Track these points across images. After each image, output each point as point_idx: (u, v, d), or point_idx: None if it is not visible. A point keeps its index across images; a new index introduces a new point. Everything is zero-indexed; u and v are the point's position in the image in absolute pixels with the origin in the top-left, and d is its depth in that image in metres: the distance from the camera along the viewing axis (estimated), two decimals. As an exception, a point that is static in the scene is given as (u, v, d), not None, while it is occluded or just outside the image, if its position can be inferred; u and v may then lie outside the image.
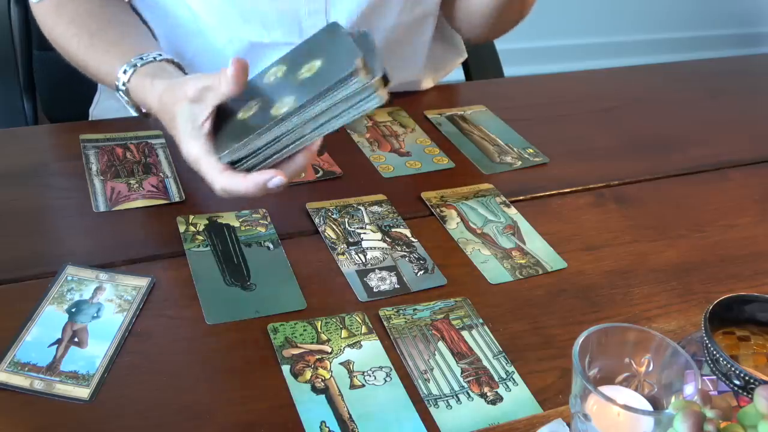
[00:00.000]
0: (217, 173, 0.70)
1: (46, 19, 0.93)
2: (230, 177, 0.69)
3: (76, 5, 0.90)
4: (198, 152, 0.71)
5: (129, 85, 0.82)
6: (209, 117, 0.70)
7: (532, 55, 2.69)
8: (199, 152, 0.71)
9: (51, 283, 0.70)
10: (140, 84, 0.81)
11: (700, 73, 1.30)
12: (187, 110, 0.71)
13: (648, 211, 0.89)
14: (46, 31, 0.94)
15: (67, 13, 0.90)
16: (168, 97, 0.75)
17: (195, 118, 0.71)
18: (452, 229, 0.83)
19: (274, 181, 0.68)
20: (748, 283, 0.79)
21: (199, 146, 0.70)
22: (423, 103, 1.08)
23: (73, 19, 0.90)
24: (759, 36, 3.23)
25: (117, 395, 0.61)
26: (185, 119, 0.71)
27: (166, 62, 0.83)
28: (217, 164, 0.70)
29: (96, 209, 0.81)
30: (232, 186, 0.69)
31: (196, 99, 0.70)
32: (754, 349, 0.58)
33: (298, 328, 0.68)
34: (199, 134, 0.71)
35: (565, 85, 1.21)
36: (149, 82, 0.80)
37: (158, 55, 0.83)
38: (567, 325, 0.71)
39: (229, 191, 0.70)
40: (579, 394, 0.51)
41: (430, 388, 0.63)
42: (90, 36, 0.88)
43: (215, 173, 0.70)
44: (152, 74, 0.80)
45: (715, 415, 0.45)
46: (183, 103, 0.71)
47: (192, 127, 0.71)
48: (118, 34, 0.88)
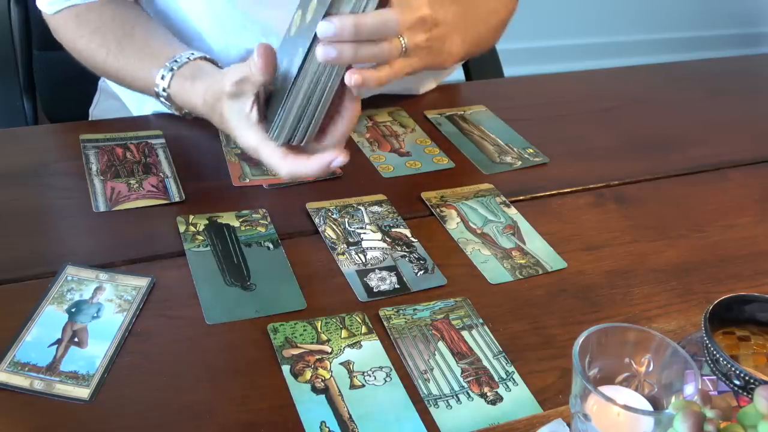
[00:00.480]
0: (280, 159, 0.71)
1: (65, 30, 0.91)
2: (294, 161, 0.70)
3: (98, 13, 0.89)
4: (255, 141, 0.72)
5: (170, 90, 0.82)
6: (253, 105, 0.72)
7: (532, 55, 2.69)
8: (256, 141, 0.72)
9: (51, 283, 0.70)
10: (181, 88, 0.81)
11: (700, 73, 1.30)
12: (231, 105, 0.73)
13: (648, 211, 0.89)
14: (67, 44, 0.92)
15: (90, 23, 0.89)
16: (210, 96, 0.76)
17: (241, 110, 0.72)
18: (452, 229, 0.83)
19: (337, 161, 0.70)
20: (748, 283, 0.79)
21: (253, 135, 0.72)
22: (423, 103, 1.08)
23: (97, 29, 0.89)
24: (759, 36, 3.23)
25: (117, 395, 0.61)
26: (234, 114, 0.73)
27: (200, 60, 0.83)
28: (277, 150, 0.71)
29: (96, 209, 0.81)
30: (297, 170, 0.70)
31: (236, 93, 0.72)
32: (754, 349, 0.58)
33: (298, 328, 0.68)
34: (249, 124, 0.72)
35: (565, 85, 1.21)
36: (189, 84, 0.80)
37: (191, 54, 0.83)
38: (567, 325, 0.71)
39: (296, 175, 0.71)
40: (579, 394, 0.51)
41: (430, 388, 0.63)
42: (117, 44, 0.87)
43: (278, 159, 0.71)
44: (191, 76, 0.81)
45: (715, 415, 0.45)
46: (225, 100, 0.73)
47: (240, 119, 0.72)
48: (145, 39, 0.88)
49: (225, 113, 0.74)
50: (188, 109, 0.85)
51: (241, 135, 0.73)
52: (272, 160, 0.71)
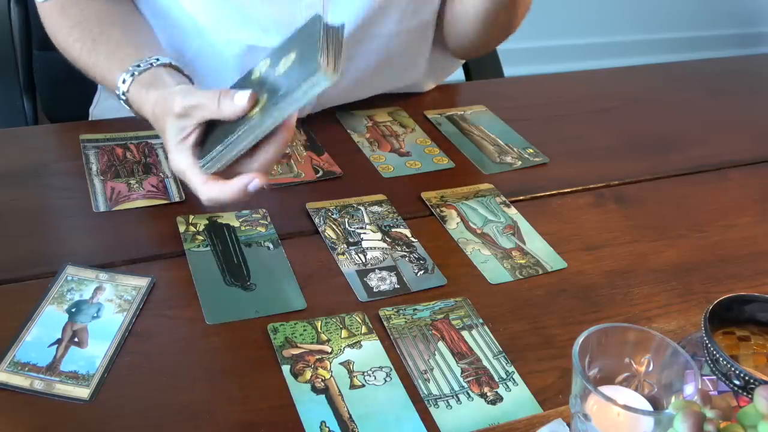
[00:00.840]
0: (201, 185, 0.72)
1: (50, 20, 0.92)
2: (213, 186, 0.71)
3: (81, 8, 0.90)
4: (184, 165, 0.73)
5: (128, 95, 0.82)
6: (194, 131, 0.72)
7: (532, 55, 2.69)
8: (185, 165, 0.73)
9: (51, 283, 0.70)
10: (137, 94, 0.81)
11: (700, 73, 1.30)
12: (173, 124, 0.73)
13: (648, 211, 0.89)
14: (49, 32, 0.93)
15: (72, 16, 0.90)
16: (158, 109, 0.76)
17: (180, 132, 0.72)
18: (452, 229, 0.83)
19: (253, 184, 0.70)
20: (748, 283, 0.79)
21: (184, 159, 0.73)
22: (423, 103, 1.08)
23: (78, 23, 0.89)
24: (759, 36, 3.23)
25: (117, 395, 0.61)
26: (172, 133, 0.73)
27: (163, 67, 0.82)
28: (201, 176, 0.72)
29: (96, 209, 0.81)
30: (216, 194, 0.71)
31: (182, 115, 0.72)
32: (754, 349, 0.58)
33: (298, 328, 0.68)
34: (183, 147, 0.72)
35: (565, 85, 1.21)
36: (144, 92, 0.80)
37: (156, 59, 0.83)
38: (567, 325, 0.71)
39: (215, 200, 0.71)
40: (579, 394, 0.51)
41: (430, 388, 0.63)
42: (92, 41, 0.88)
43: (200, 185, 0.72)
44: (148, 83, 0.81)
45: (715, 415, 0.45)
46: (170, 117, 0.73)
47: (178, 141, 0.73)
48: (119, 38, 0.88)
49: (166, 129, 0.74)
50: (142, 117, 0.85)
51: (173, 156, 0.73)
52: (196, 185, 0.72)
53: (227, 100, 0.69)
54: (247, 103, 0.68)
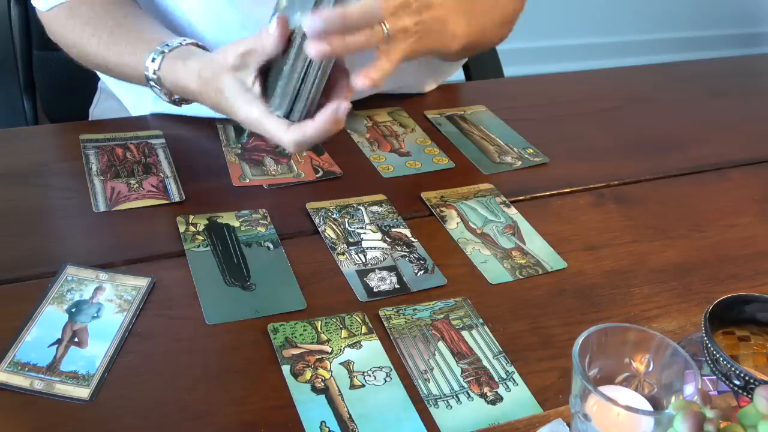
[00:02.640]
0: (284, 132, 0.70)
1: (58, 26, 0.92)
2: (299, 129, 0.70)
3: (89, 6, 0.90)
4: (258, 115, 0.72)
5: (160, 73, 0.82)
6: (256, 79, 0.71)
7: (532, 55, 2.69)
8: (259, 115, 0.72)
9: (51, 283, 0.70)
10: (172, 68, 0.81)
11: (700, 73, 1.30)
12: (232, 80, 0.72)
13: (648, 211, 0.89)
14: (59, 38, 0.93)
15: (82, 15, 0.90)
16: (207, 71, 0.75)
17: (243, 84, 0.71)
18: (452, 229, 0.83)
19: (342, 108, 0.69)
20: (748, 283, 0.79)
21: (256, 109, 0.72)
22: (423, 103, 1.08)
23: (90, 20, 0.89)
24: (759, 36, 3.23)
25: (117, 395, 0.61)
26: (234, 88, 0.72)
27: (192, 45, 0.83)
28: (281, 122, 0.71)
29: (96, 209, 0.81)
30: (304, 137, 0.70)
31: (239, 66, 0.71)
32: (754, 349, 0.58)
33: (298, 328, 0.68)
34: (252, 98, 0.72)
35: (565, 85, 1.21)
36: (181, 64, 0.80)
37: (183, 40, 0.83)
38: (567, 325, 0.71)
39: (303, 142, 0.70)
40: (579, 394, 0.51)
41: (430, 388, 0.63)
42: (109, 33, 0.88)
43: (282, 132, 0.71)
44: (183, 57, 0.80)
45: (715, 415, 0.45)
46: (226, 74, 0.72)
47: (243, 93, 0.72)
48: (137, 28, 0.88)
49: (224, 88, 0.73)
50: (178, 91, 0.84)
51: (243, 110, 0.72)
52: (277, 132, 0.71)
53: (265, 35, 0.69)
54: (278, 26, 0.68)
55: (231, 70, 0.72)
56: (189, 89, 0.81)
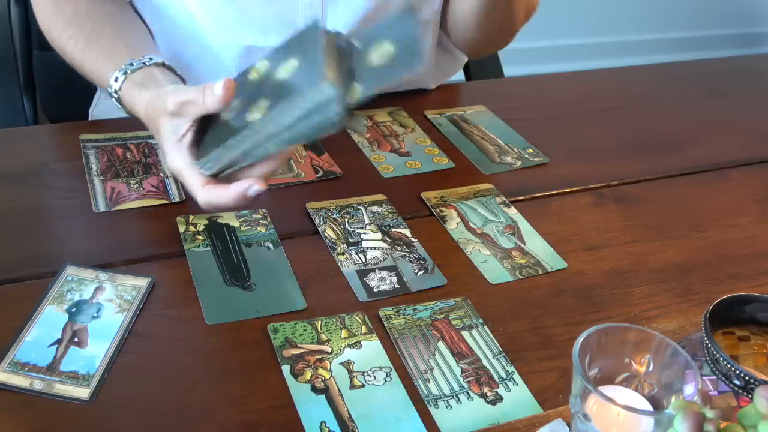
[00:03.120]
0: (199, 187, 0.70)
1: (44, 16, 0.92)
2: (211, 190, 0.70)
3: (74, 5, 0.90)
4: (181, 165, 0.71)
5: (120, 93, 0.82)
6: (189, 130, 0.71)
7: (532, 55, 2.69)
8: (182, 165, 0.71)
9: (51, 283, 0.70)
10: (129, 93, 0.81)
11: (700, 73, 1.30)
12: (168, 124, 0.72)
13: (648, 211, 0.89)
14: (43, 29, 0.93)
15: (65, 13, 0.90)
16: (151, 109, 0.76)
17: (176, 131, 0.71)
18: (452, 229, 0.83)
19: (252, 189, 0.69)
20: (748, 283, 0.79)
21: (180, 159, 0.71)
22: (423, 103, 1.08)
23: (71, 20, 0.89)
24: (759, 36, 3.23)
25: (117, 395, 0.61)
26: (167, 132, 0.72)
27: (156, 67, 0.82)
28: (199, 177, 0.70)
29: (96, 209, 0.81)
30: (214, 199, 0.70)
31: (176, 113, 0.71)
32: (754, 349, 0.58)
33: (298, 328, 0.68)
34: (180, 147, 0.71)
35: (565, 85, 1.21)
36: (137, 92, 0.80)
37: (149, 59, 0.82)
38: (567, 325, 0.71)
39: (213, 204, 0.70)
40: (579, 394, 0.51)
41: (430, 388, 0.63)
42: (85, 39, 0.87)
43: (197, 187, 0.71)
44: (140, 83, 0.80)
45: (715, 415, 0.45)
46: (164, 117, 0.72)
47: (174, 140, 0.71)
48: (113, 36, 0.88)
49: (161, 129, 0.73)
50: (133, 116, 0.84)
51: (170, 155, 0.72)
52: (193, 186, 0.71)
53: (209, 92, 0.69)
54: (224, 89, 0.67)
55: (168, 114, 0.72)
56: (139, 117, 0.81)
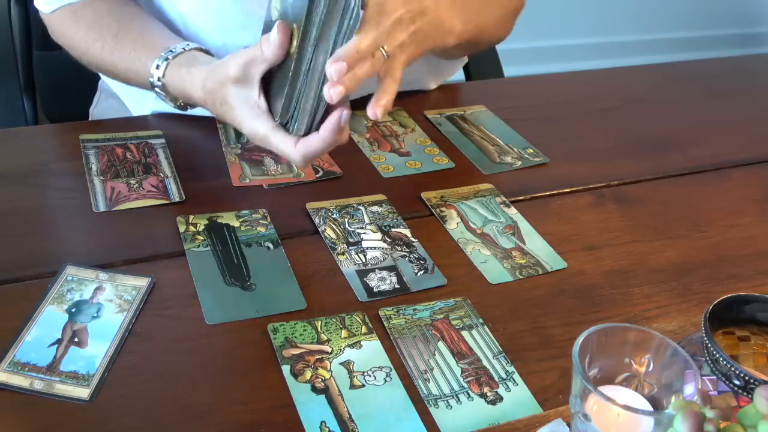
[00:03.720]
0: (291, 146, 0.71)
1: (63, 28, 0.92)
2: (305, 142, 0.71)
3: (93, 9, 0.90)
4: (265, 130, 0.72)
5: (165, 80, 0.82)
6: (260, 92, 0.71)
7: (532, 55, 2.69)
8: (266, 130, 0.72)
9: (51, 283, 0.70)
10: (177, 76, 0.81)
11: (700, 73, 1.30)
12: (237, 92, 0.72)
13: (648, 211, 0.89)
14: (63, 42, 0.93)
15: (86, 18, 0.90)
16: (211, 82, 0.75)
17: (248, 98, 0.71)
18: (452, 229, 0.83)
19: (344, 116, 0.69)
20: (748, 283, 0.79)
21: (262, 124, 0.72)
22: (423, 103, 1.08)
23: (93, 23, 0.89)
24: (759, 36, 3.23)
25: (117, 395, 0.61)
26: (239, 102, 0.72)
27: (196, 51, 0.83)
28: (287, 138, 0.71)
29: (96, 209, 0.81)
30: (310, 150, 0.71)
31: (242, 77, 0.71)
32: (754, 349, 0.58)
33: (298, 328, 0.68)
34: (258, 113, 0.72)
35: (565, 85, 1.21)
36: (186, 71, 0.80)
37: (186, 45, 0.83)
38: (567, 325, 0.71)
39: (310, 155, 0.71)
40: (579, 394, 0.51)
41: (430, 388, 0.63)
42: (113, 38, 0.88)
43: (289, 147, 0.71)
44: (187, 64, 0.80)
45: (715, 415, 0.45)
46: (229, 85, 0.72)
47: (249, 107, 0.72)
48: (141, 32, 0.88)
49: (230, 100, 0.73)
50: (184, 99, 0.84)
51: (249, 124, 0.73)
52: (284, 147, 0.72)
53: (266, 43, 0.69)
54: (280, 33, 0.68)
55: (234, 81, 0.72)
56: (194, 97, 0.81)
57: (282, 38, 0.68)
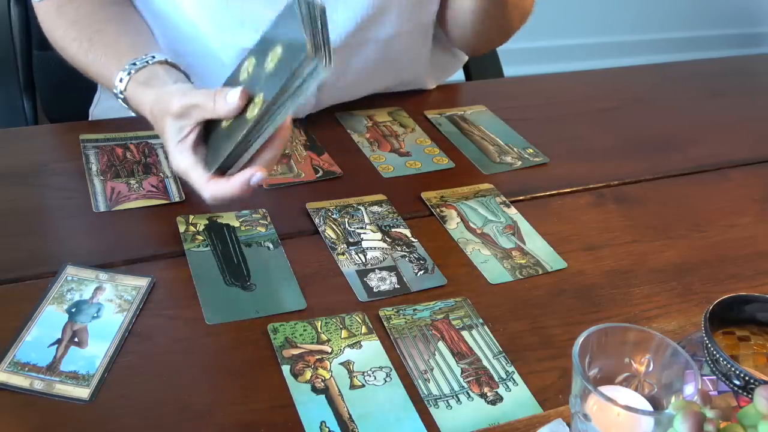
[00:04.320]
0: (204, 183, 0.73)
1: (47, 20, 0.92)
2: (216, 184, 0.72)
3: (76, 6, 0.90)
4: (185, 165, 0.73)
5: (126, 93, 0.82)
6: (192, 131, 0.73)
7: (532, 55, 2.69)
8: (186, 165, 0.73)
9: (51, 283, 0.70)
10: (134, 93, 0.82)
11: (700, 73, 1.30)
12: (172, 125, 0.73)
13: (648, 211, 0.89)
14: (46, 32, 0.93)
15: (67, 15, 0.90)
16: (156, 110, 0.76)
17: (179, 132, 0.73)
18: (452, 229, 0.83)
19: (255, 177, 0.71)
20: (748, 283, 0.79)
21: (185, 159, 0.73)
22: (423, 103, 1.08)
23: (74, 22, 0.89)
24: (759, 36, 3.23)
25: (117, 395, 0.61)
26: (172, 133, 0.74)
27: (159, 65, 0.82)
28: (204, 174, 0.73)
29: (96, 209, 0.81)
30: (219, 192, 0.72)
31: (181, 115, 0.72)
32: (754, 349, 0.58)
33: (298, 328, 0.68)
34: (183, 147, 0.73)
35: (565, 85, 1.21)
36: (141, 91, 0.80)
37: (151, 57, 0.83)
38: (567, 325, 0.71)
39: (219, 197, 0.72)
40: (579, 394, 0.51)
41: (430, 388, 0.63)
42: (89, 40, 0.88)
43: (202, 183, 0.73)
44: (144, 82, 0.81)
45: (715, 415, 0.45)
46: (168, 118, 0.73)
47: (177, 141, 0.73)
48: (116, 36, 0.88)
49: (165, 130, 0.74)
50: (141, 115, 0.85)
51: (174, 156, 0.74)
52: (199, 184, 0.73)
53: (221, 99, 0.69)
54: (239, 100, 0.68)
55: (173, 115, 0.73)
56: (146, 117, 0.81)
57: (240, 105, 0.69)
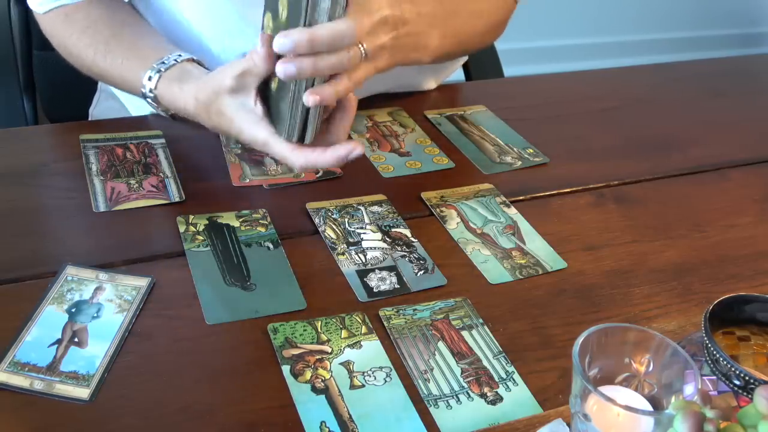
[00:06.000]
0: (289, 152, 0.72)
1: (55, 29, 0.92)
2: (307, 153, 0.71)
3: (85, 13, 0.90)
4: (264, 136, 0.73)
5: (157, 92, 0.82)
6: (257, 98, 0.72)
7: (532, 55, 2.69)
8: (266, 135, 0.73)
9: (51, 283, 0.70)
10: (168, 90, 0.81)
11: (700, 73, 1.30)
12: (232, 101, 0.73)
13: (648, 211, 0.89)
14: (56, 42, 0.93)
15: (78, 22, 0.89)
16: (204, 94, 0.76)
17: (245, 105, 0.72)
18: (452, 229, 0.83)
19: (355, 152, 0.71)
20: (748, 283, 0.79)
21: (261, 130, 0.73)
22: (423, 103, 1.08)
23: (86, 28, 0.89)
24: (759, 36, 3.23)
25: (117, 395, 0.61)
26: (236, 109, 0.73)
27: (187, 62, 0.83)
28: (286, 144, 0.72)
29: (96, 209, 0.81)
30: (311, 162, 0.71)
31: (237, 87, 0.72)
32: (754, 349, 0.58)
33: (298, 328, 0.68)
34: (256, 118, 0.73)
35: (565, 85, 1.21)
36: (177, 87, 0.80)
37: (178, 56, 0.83)
38: (567, 325, 0.71)
39: (310, 166, 0.72)
40: (579, 394, 0.51)
41: (430, 388, 0.63)
42: (105, 44, 0.87)
43: (287, 152, 0.72)
44: (178, 79, 0.81)
45: (715, 415, 0.45)
46: (224, 96, 0.73)
47: (246, 114, 0.72)
48: (134, 39, 0.88)
49: (226, 110, 0.73)
50: (175, 111, 0.85)
51: (247, 130, 0.73)
52: (284, 153, 0.72)
53: (256, 55, 0.70)
54: (262, 45, 0.69)
55: (230, 91, 0.72)
56: (186, 111, 0.81)
57: (266, 50, 0.69)
